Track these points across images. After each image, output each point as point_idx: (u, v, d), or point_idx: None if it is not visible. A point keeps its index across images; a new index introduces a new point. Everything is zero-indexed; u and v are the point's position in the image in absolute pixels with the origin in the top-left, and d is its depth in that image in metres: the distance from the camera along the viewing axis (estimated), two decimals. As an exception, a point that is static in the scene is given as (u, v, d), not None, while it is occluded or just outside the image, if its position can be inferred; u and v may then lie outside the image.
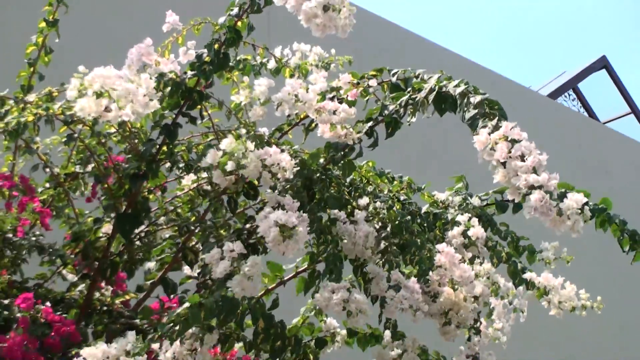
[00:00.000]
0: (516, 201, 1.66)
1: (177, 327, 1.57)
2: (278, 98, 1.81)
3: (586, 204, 1.61)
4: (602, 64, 9.83)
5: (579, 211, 1.58)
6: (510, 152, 1.59)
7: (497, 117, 1.65)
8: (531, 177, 1.56)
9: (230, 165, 1.67)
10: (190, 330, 1.62)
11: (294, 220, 1.57)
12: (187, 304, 1.59)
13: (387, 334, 1.92)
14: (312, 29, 1.71)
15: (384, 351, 1.91)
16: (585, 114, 9.53)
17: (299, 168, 1.74)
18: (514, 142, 1.59)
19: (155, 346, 1.59)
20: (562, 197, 1.60)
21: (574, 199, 1.59)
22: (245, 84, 1.99)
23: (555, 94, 9.32)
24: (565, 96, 9.65)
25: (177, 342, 1.61)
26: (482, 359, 1.90)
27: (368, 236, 1.78)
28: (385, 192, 1.98)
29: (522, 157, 1.58)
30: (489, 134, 1.62)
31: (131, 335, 1.55)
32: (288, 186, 1.73)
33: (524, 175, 1.56)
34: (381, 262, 1.80)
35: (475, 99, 1.69)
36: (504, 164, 1.60)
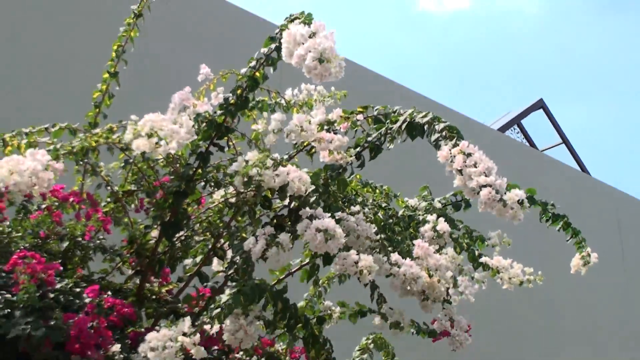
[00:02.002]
0: (471, 200, 1.68)
1: (223, 311, 1.57)
2: (288, 129, 1.84)
3: (529, 198, 1.65)
4: (540, 105, 9.93)
5: (519, 202, 1.61)
6: (465, 162, 1.62)
7: (455, 138, 1.69)
8: (481, 178, 1.59)
9: (253, 172, 1.69)
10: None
11: (333, 225, 1.59)
12: (228, 292, 1.60)
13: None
14: (312, 77, 1.69)
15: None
16: (527, 144, 9.58)
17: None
18: (468, 155, 1.63)
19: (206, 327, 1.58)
20: (509, 188, 1.64)
21: (514, 193, 1.62)
22: (263, 120, 2.01)
23: (503, 129, 9.38)
24: (511, 130, 9.70)
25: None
26: (455, 319, 1.95)
27: (367, 230, 1.80)
28: (370, 200, 2.00)
29: (475, 165, 1.62)
30: (450, 149, 1.66)
31: (187, 320, 1.56)
32: (303, 200, 1.74)
33: (476, 178, 1.60)
34: (376, 252, 1.81)
35: (439, 126, 1.73)
36: (460, 172, 1.63)
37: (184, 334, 1.53)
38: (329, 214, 1.68)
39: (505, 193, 1.60)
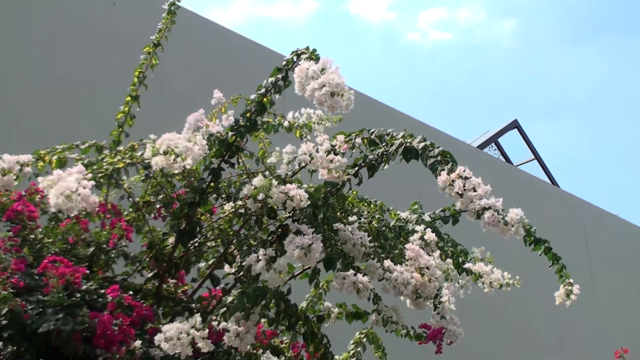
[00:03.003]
0: (473, 220, 1.67)
1: (228, 310, 1.59)
2: (299, 159, 1.84)
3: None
4: (514, 125, 9.98)
5: (519, 221, 1.62)
6: (464, 186, 1.62)
7: (450, 163, 1.69)
8: (483, 201, 1.60)
9: (260, 196, 1.69)
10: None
11: (308, 242, 1.60)
12: (233, 294, 1.61)
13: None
14: (325, 109, 1.68)
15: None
16: (503, 159, 9.60)
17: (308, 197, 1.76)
18: (466, 178, 1.63)
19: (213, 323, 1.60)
20: (504, 212, 1.64)
21: (514, 213, 1.63)
22: (277, 152, 1.99)
23: (482, 146, 9.41)
24: (489, 147, 9.72)
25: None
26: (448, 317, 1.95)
27: (362, 238, 1.81)
28: (366, 213, 2.00)
29: (474, 189, 1.62)
30: (448, 174, 1.65)
31: (198, 316, 1.57)
32: (303, 213, 1.75)
33: (478, 201, 1.60)
34: (371, 258, 1.81)
35: (434, 151, 1.73)
36: (461, 195, 1.63)
37: (195, 329, 1.54)
38: (322, 230, 1.68)
39: (506, 214, 1.61)
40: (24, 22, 4.41)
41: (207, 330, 1.54)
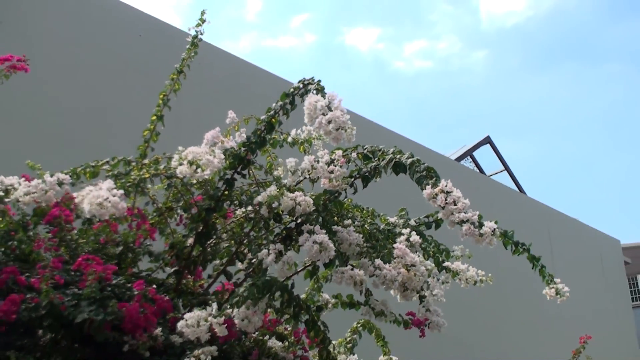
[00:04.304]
0: (452, 229, 1.68)
1: (240, 299, 1.59)
2: (302, 169, 1.85)
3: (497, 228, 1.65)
4: (487, 140, 10.03)
5: (492, 233, 1.63)
6: (446, 199, 1.63)
7: (434, 178, 1.69)
8: (462, 214, 1.61)
9: (275, 204, 1.70)
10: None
11: (327, 240, 1.61)
12: (244, 286, 1.61)
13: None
14: (330, 140, 1.70)
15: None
16: (477, 170, 9.63)
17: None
18: (448, 193, 1.64)
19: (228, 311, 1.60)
20: (480, 225, 1.64)
21: (488, 226, 1.64)
22: (283, 166, 1.99)
23: (459, 159, 9.44)
24: (465, 160, 9.75)
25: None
26: (432, 309, 1.94)
27: (357, 239, 1.81)
28: (359, 217, 2.00)
29: (455, 203, 1.63)
30: (432, 188, 1.66)
31: (214, 305, 1.58)
32: (309, 218, 1.75)
33: (457, 214, 1.61)
34: (363, 257, 1.82)
35: (420, 167, 1.73)
36: (443, 207, 1.64)
37: (212, 316, 1.54)
38: (325, 230, 1.69)
39: (481, 226, 1.62)
40: (69, 55, 4.48)
41: (223, 318, 1.54)
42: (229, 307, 1.57)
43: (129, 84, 4.70)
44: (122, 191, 1.70)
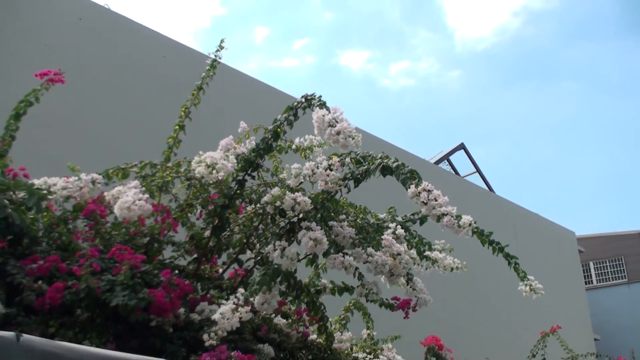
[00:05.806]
0: (434, 222, 1.66)
1: (256, 287, 1.58)
2: (303, 174, 1.84)
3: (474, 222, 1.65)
4: (462, 146, 10.04)
5: (469, 224, 1.62)
6: (428, 197, 1.63)
7: (417, 179, 1.69)
8: (442, 208, 1.60)
9: (277, 203, 1.70)
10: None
11: (320, 236, 1.60)
12: (256, 274, 1.60)
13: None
14: (339, 148, 1.69)
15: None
16: (453, 172, 9.63)
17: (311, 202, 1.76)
18: (429, 191, 1.64)
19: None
20: (459, 217, 1.62)
21: (466, 219, 1.63)
22: (286, 170, 1.98)
23: (437, 162, 9.44)
24: (443, 163, 9.76)
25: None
26: (418, 288, 1.92)
27: (350, 232, 1.81)
28: (352, 214, 2.00)
29: (435, 199, 1.63)
30: (415, 187, 1.66)
31: (241, 296, 1.56)
32: (308, 214, 1.75)
33: (438, 208, 1.60)
34: (356, 247, 1.81)
35: (405, 170, 1.73)
36: (425, 203, 1.63)
37: (241, 305, 1.53)
38: (320, 225, 1.68)
39: (459, 219, 1.61)
40: (104, 73, 4.48)
41: (249, 307, 1.54)
42: (247, 294, 1.55)
43: (155, 98, 4.71)
44: (147, 195, 1.69)
